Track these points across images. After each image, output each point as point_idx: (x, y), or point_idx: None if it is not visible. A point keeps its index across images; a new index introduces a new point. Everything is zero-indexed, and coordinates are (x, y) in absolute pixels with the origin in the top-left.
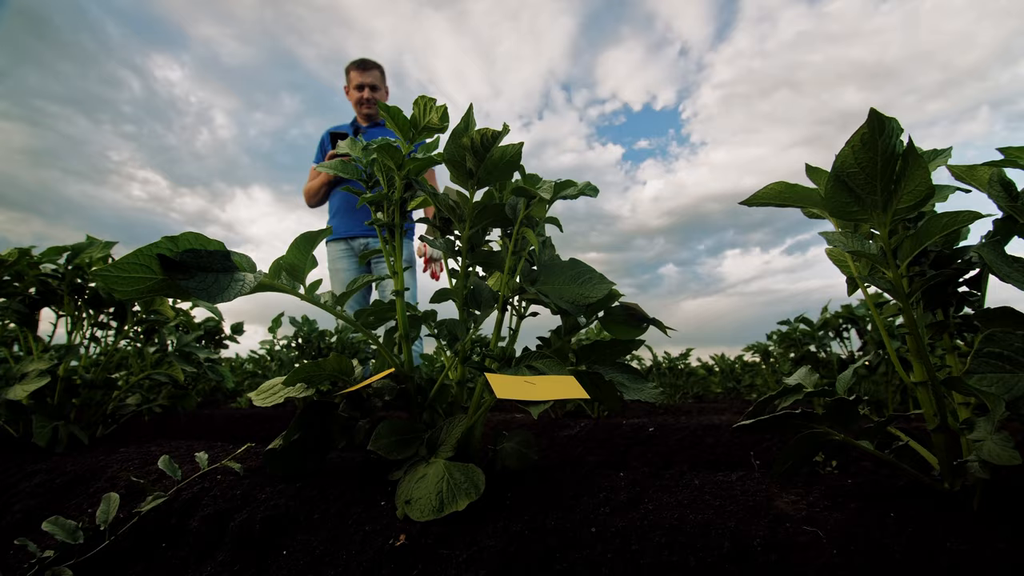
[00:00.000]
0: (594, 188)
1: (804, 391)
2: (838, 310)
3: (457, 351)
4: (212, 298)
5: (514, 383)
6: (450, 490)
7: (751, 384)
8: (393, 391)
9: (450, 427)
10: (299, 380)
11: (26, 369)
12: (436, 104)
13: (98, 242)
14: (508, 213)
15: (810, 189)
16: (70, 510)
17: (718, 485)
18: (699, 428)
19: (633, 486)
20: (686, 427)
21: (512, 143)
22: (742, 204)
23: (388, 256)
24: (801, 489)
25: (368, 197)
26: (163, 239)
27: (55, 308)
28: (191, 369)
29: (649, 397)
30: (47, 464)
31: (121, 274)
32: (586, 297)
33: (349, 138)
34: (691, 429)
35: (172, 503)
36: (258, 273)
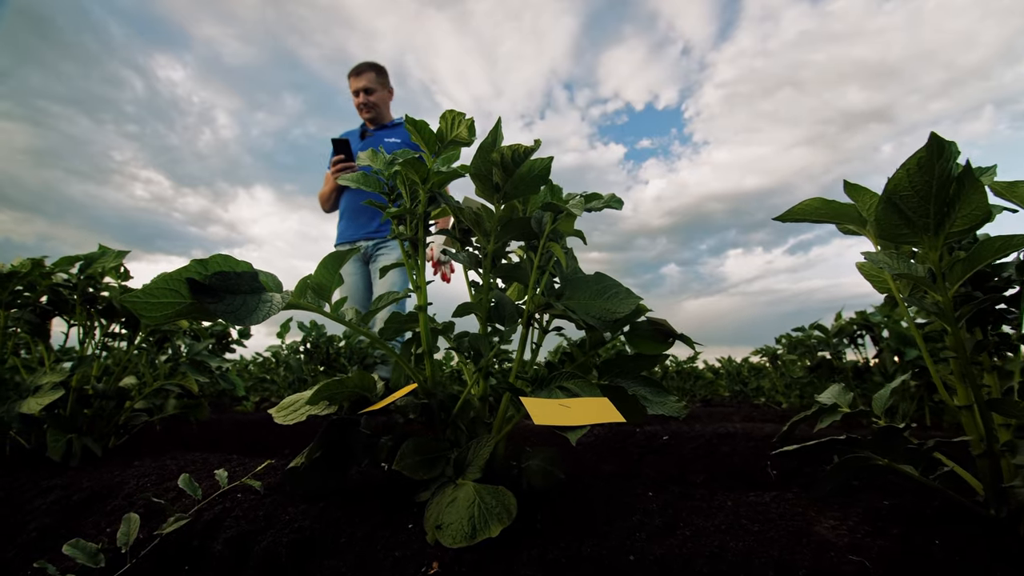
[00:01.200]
0: (619, 200)
1: (839, 410)
2: (852, 316)
3: (481, 367)
4: (240, 321)
5: (550, 408)
6: (482, 515)
7: (757, 387)
8: (417, 409)
9: (478, 447)
10: (322, 398)
11: (40, 382)
12: (464, 118)
13: (111, 251)
14: (534, 227)
15: (847, 205)
16: (87, 528)
17: (753, 507)
18: (714, 436)
19: (666, 508)
20: (700, 435)
21: (541, 157)
22: (776, 220)
23: (411, 270)
24: (839, 512)
25: (392, 212)
26: (192, 262)
27: (66, 317)
28: (204, 379)
29: (672, 411)
30: (62, 479)
31: (150, 299)
32: (613, 313)
33: (370, 149)
34: (706, 437)
35: (194, 524)
36: (284, 293)
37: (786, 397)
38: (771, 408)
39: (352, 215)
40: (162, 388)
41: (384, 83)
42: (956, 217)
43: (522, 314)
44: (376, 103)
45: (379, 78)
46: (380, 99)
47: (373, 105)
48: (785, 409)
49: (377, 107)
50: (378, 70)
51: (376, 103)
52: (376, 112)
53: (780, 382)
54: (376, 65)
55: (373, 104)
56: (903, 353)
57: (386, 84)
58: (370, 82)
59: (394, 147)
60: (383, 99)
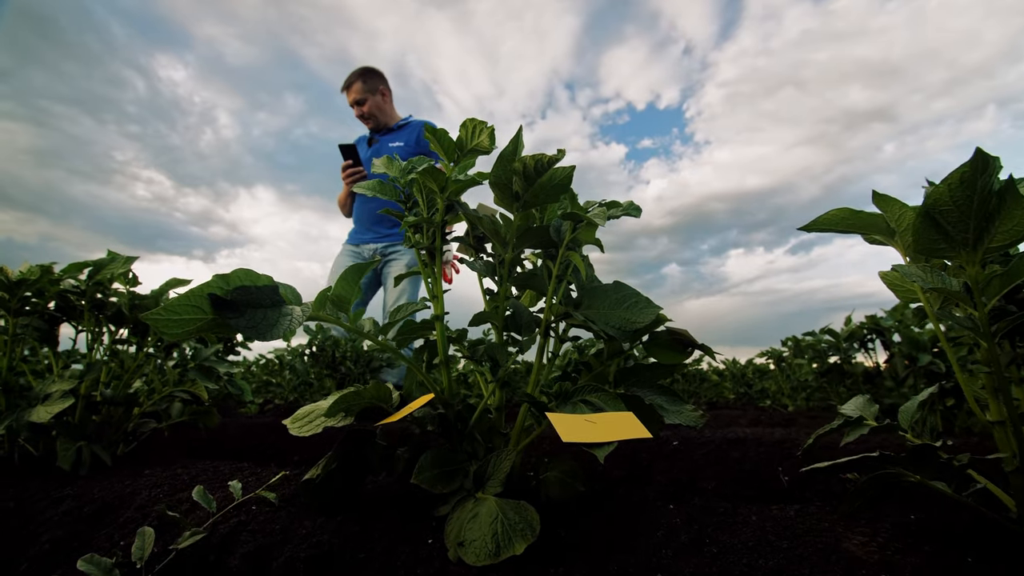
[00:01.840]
0: (637, 208)
1: (865, 423)
2: (862, 320)
3: (500, 377)
4: (262, 336)
5: (576, 424)
6: (505, 532)
7: (762, 389)
8: (435, 420)
9: (498, 461)
10: (339, 410)
11: (49, 390)
12: (486, 126)
13: (120, 257)
14: (552, 235)
15: (874, 215)
16: (100, 541)
17: (778, 522)
18: (724, 442)
19: (691, 523)
20: (711, 441)
21: (562, 166)
22: (801, 230)
23: (427, 279)
24: (867, 527)
25: (410, 221)
26: (215, 277)
27: (74, 323)
28: (213, 386)
29: (690, 421)
30: (73, 489)
31: (172, 316)
32: (633, 323)
33: (385, 156)
34: (716, 443)
35: (210, 538)
36: (304, 306)
37: (792, 400)
38: (777, 411)
39: (362, 219)
40: (172, 395)
41: (375, 87)
42: (996, 232)
43: (539, 323)
44: (372, 112)
45: (367, 85)
46: (374, 105)
47: (370, 115)
48: (791, 412)
49: (374, 115)
50: (366, 77)
51: (372, 112)
52: (375, 120)
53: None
54: (363, 72)
55: (369, 114)
56: (915, 358)
57: (377, 87)
58: (359, 93)
59: (398, 151)
60: (377, 104)
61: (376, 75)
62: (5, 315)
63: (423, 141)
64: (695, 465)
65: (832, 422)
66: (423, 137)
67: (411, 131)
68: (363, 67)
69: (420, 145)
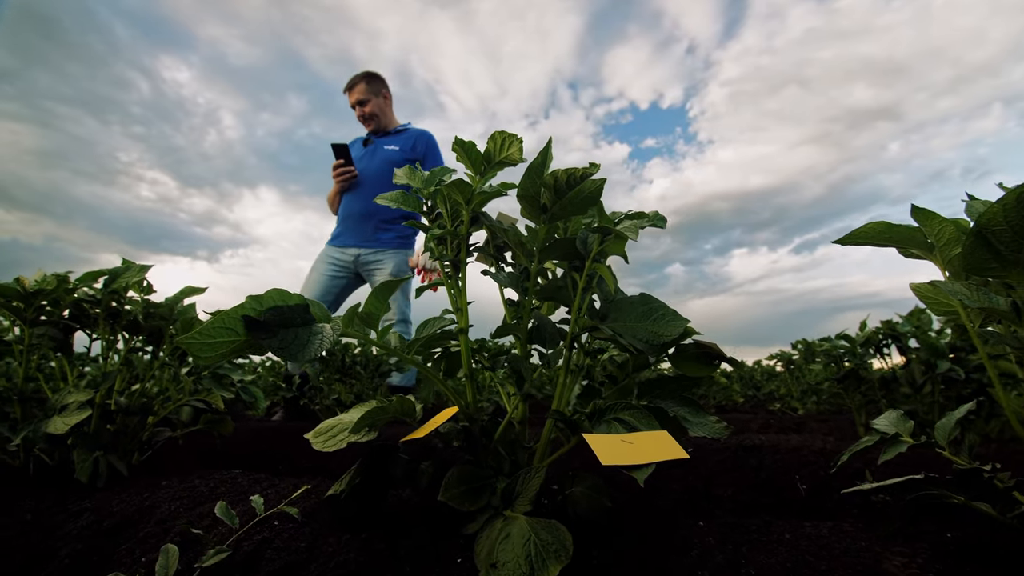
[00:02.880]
0: (663, 218)
1: (900, 439)
2: (878, 325)
3: (525, 391)
4: (294, 356)
5: (614, 445)
6: (539, 553)
7: (770, 392)
8: (460, 435)
9: (527, 478)
10: (365, 426)
11: (66, 400)
12: (516, 139)
13: (135, 266)
14: (579, 247)
15: (912, 229)
16: (121, 556)
17: (813, 541)
18: (739, 449)
19: (724, 543)
20: (726, 447)
21: (593, 179)
22: (836, 243)
23: (450, 290)
24: (905, 547)
25: (437, 233)
26: (248, 299)
27: (88, 331)
28: (228, 394)
29: (714, 432)
30: (91, 502)
31: (206, 340)
32: (660, 336)
33: (407, 167)
34: (731, 450)
35: (234, 556)
36: (334, 323)
37: (802, 404)
38: (787, 414)
39: (348, 220)
40: (187, 404)
41: (377, 90)
42: None
43: (564, 336)
44: (374, 113)
45: (371, 87)
46: (376, 107)
47: (371, 116)
48: (802, 416)
49: (376, 117)
50: (369, 79)
51: (374, 113)
52: (376, 122)
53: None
54: (367, 74)
55: (371, 115)
56: (934, 364)
57: (380, 91)
58: (362, 93)
59: (392, 155)
60: (379, 107)
61: (379, 79)
62: (21, 325)
63: (418, 148)
64: (710, 472)
65: (865, 437)
66: (418, 144)
67: (408, 138)
68: (366, 71)
69: (415, 152)
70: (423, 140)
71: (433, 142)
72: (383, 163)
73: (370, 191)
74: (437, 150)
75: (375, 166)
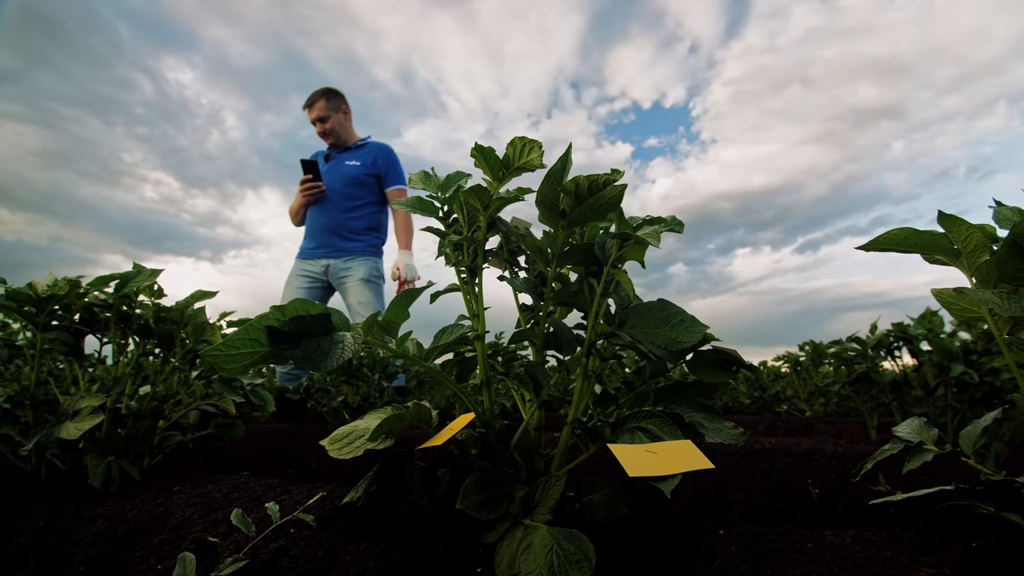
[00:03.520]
0: (680, 223)
1: (925, 448)
2: (888, 328)
3: (543, 398)
4: (316, 366)
5: (639, 456)
6: (562, 564)
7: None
8: (477, 442)
9: (546, 487)
10: (383, 433)
11: (78, 406)
12: (536, 145)
13: (145, 270)
14: (597, 253)
15: (938, 235)
16: (136, 564)
17: (837, 551)
18: (750, 453)
19: (747, 552)
20: (736, 451)
21: (613, 185)
22: (860, 249)
23: (467, 296)
24: (931, 557)
25: (454, 239)
26: (272, 309)
27: (99, 336)
28: (238, 398)
29: (730, 438)
30: (104, 508)
31: (231, 351)
32: (679, 342)
33: (421, 171)
34: (742, 454)
35: (251, 564)
36: (355, 331)
37: (809, 405)
38: (794, 416)
39: (315, 233)
40: (199, 408)
41: (336, 106)
42: None
43: (580, 342)
44: (333, 129)
45: (330, 104)
46: (336, 123)
47: (331, 131)
48: (809, 418)
49: (335, 132)
50: (328, 96)
51: (333, 129)
52: (336, 137)
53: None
54: (326, 91)
55: (331, 131)
56: (947, 368)
57: (339, 106)
58: (322, 110)
59: (353, 170)
60: (339, 122)
61: (338, 95)
62: (33, 329)
63: (379, 163)
64: (722, 476)
65: (888, 445)
66: (379, 159)
67: (368, 152)
68: (325, 87)
69: (376, 166)
70: (384, 154)
71: (393, 156)
72: (345, 178)
73: (334, 205)
74: (397, 163)
75: (338, 181)
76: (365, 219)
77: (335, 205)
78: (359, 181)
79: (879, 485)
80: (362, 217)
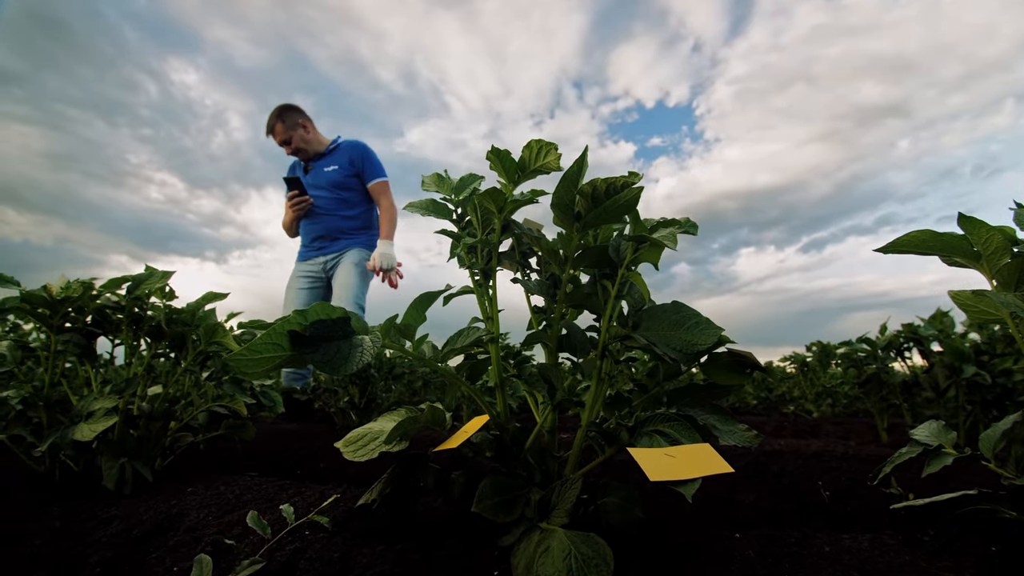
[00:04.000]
0: (694, 225)
1: (944, 452)
2: (898, 328)
3: (558, 400)
4: (336, 370)
5: (659, 460)
6: (580, 568)
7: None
8: (492, 444)
9: (563, 490)
10: (398, 436)
11: (92, 407)
12: (553, 148)
13: (157, 272)
14: (611, 255)
15: (958, 237)
16: (152, 565)
17: (855, 556)
18: (760, 454)
19: (764, 556)
20: (746, 453)
21: (631, 187)
22: (878, 251)
23: (481, 298)
24: (951, 561)
25: (469, 242)
26: (294, 314)
27: (110, 337)
28: (250, 400)
29: (744, 441)
30: (119, 509)
31: (254, 356)
32: (694, 345)
33: (434, 173)
34: (752, 456)
35: (267, 567)
36: (373, 335)
37: (816, 406)
38: (801, 417)
39: (311, 240)
40: (210, 410)
41: (293, 123)
42: None
43: (594, 344)
44: (299, 146)
45: (287, 124)
46: (299, 140)
47: (298, 150)
48: (816, 419)
49: (302, 148)
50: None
51: (299, 146)
52: (304, 152)
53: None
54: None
55: (297, 148)
56: (959, 369)
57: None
58: (282, 133)
59: (333, 175)
60: (302, 137)
61: (292, 110)
62: (47, 331)
63: (355, 161)
64: (733, 478)
65: (905, 448)
66: (354, 157)
67: (342, 153)
68: (278, 107)
69: (353, 165)
70: (357, 152)
71: (367, 151)
72: (328, 184)
73: (324, 212)
74: (373, 156)
75: (322, 189)
76: (358, 219)
77: (326, 212)
78: (342, 184)
79: (891, 488)
80: (355, 217)
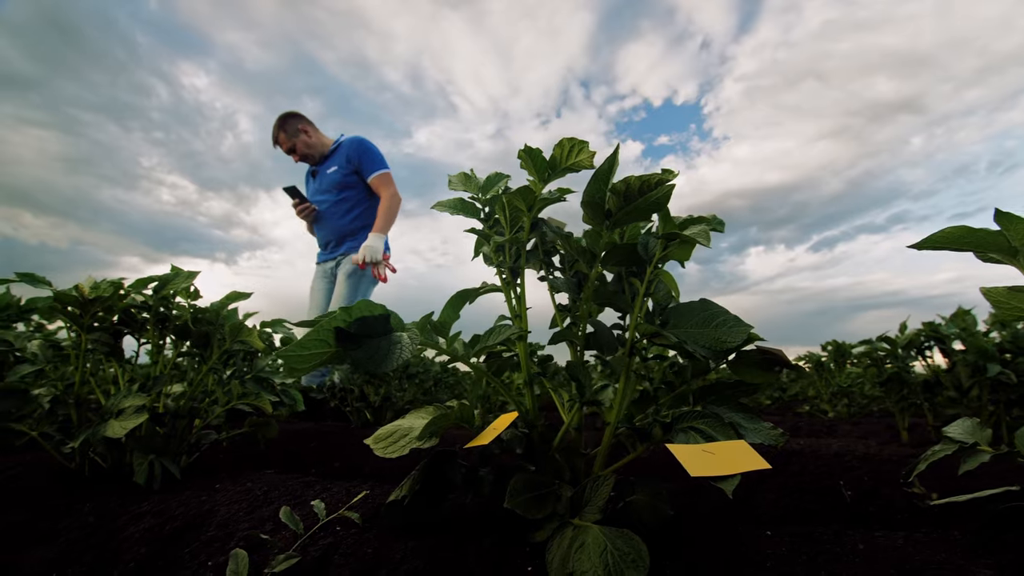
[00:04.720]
0: (720, 222)
1: (979, 449)
2: (919, 327)
3: (587, 399)
4: (376, 367)
5: (697, 456)
6: (616, 564)
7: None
8: (522, 441)
9: (595, 487)
10: (430, 432)
11: (122, 405)
12: (585, 145)
13: (183, 273)
14: (640, 253)
15: (994, 233)
16: (185, 560)
17: (891, 554)
18: (781, 454)
19: (797, 554)
20: (767, 452)
21: (664, 184)
22: (912, 248)
23: (509, 296)
24: (990, 559)
25: (498, 241)
26: (339, 311)
27: (136, 336)
28: (273, 398)
29: (770, 439)
30: (150, 505)
31: (302, 352)
32: (723, 343)
33: (461, 172)
34: (773, 455)
35: (302, 561)
36: (411, 332)
37: (832, 406)
38: (816, 417)
39: (322, 244)
40: (235, 408)
41: (295, 130)
42: None
43: (622, 343)
44: (304, 152)
45: (288, 132)
46: (303, 146)
47: (304, 156)
48: (832, 419)
49: (308, 154)
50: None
51: (304, 152)
52: (310, 157)
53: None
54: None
55: (303, 155)
56: (983, 367)
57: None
58: (286, 142)
59: (335, 175)
60: (305, 143)
61: (292, 117)
62: (77, 330)
63: (352, 158)
64: (753, 476)
65: (938, 446)
66: (351, 154)
67: (341, 153)
68: (279, 117)
69: (351, 163)
70: (354, 148)
71: (364, 145)
72: (331, 185)
73: (332, 215)
74: (371, 149)
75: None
76: (359, 219)
77: (332, 214)
78: (343, 184)
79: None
80: (358, 217)
